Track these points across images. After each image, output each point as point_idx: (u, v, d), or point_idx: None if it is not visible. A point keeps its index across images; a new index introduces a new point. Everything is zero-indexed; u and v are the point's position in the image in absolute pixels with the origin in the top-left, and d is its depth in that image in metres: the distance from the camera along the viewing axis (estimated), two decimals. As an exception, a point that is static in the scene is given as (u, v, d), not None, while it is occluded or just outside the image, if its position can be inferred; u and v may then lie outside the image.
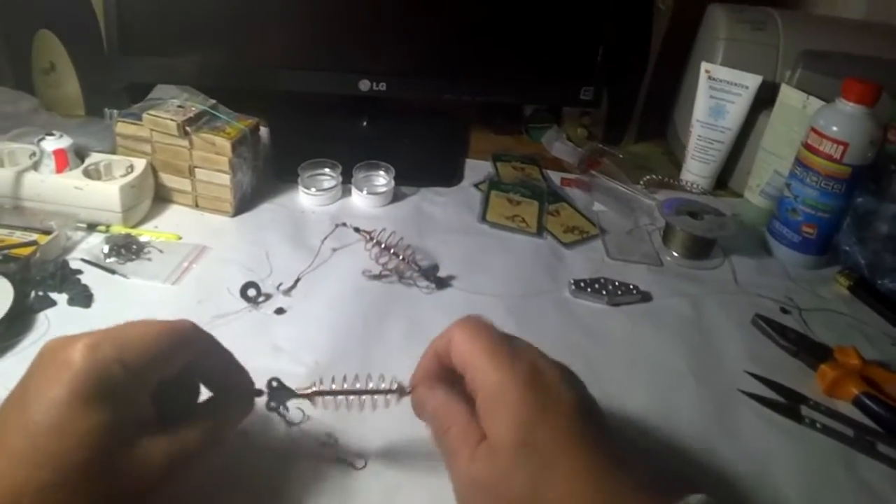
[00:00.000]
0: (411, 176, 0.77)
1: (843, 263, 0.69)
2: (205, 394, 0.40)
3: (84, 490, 0.29)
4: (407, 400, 0.39)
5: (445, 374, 0.37)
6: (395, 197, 0.75)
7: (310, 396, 0.40)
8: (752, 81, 0.79)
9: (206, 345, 0.38)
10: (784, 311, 0.62)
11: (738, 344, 0.58)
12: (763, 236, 0.74)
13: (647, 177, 0.83)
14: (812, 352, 0.56)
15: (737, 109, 0.80)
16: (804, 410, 0.50)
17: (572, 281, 0.61)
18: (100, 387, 0.31)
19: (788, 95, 0.74)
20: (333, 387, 0.39)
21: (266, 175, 0.74)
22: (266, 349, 0.52)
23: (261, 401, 0.40)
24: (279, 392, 0.40)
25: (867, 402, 0.50)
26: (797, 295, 0.65)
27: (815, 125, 0.66)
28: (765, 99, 0.79)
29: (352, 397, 0.39)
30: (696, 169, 0.84)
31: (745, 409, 0.51)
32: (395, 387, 0.39)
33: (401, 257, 0.62)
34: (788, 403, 0.51)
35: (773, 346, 0.58)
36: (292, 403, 0.41)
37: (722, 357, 0.56)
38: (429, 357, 0.38)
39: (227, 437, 0.37)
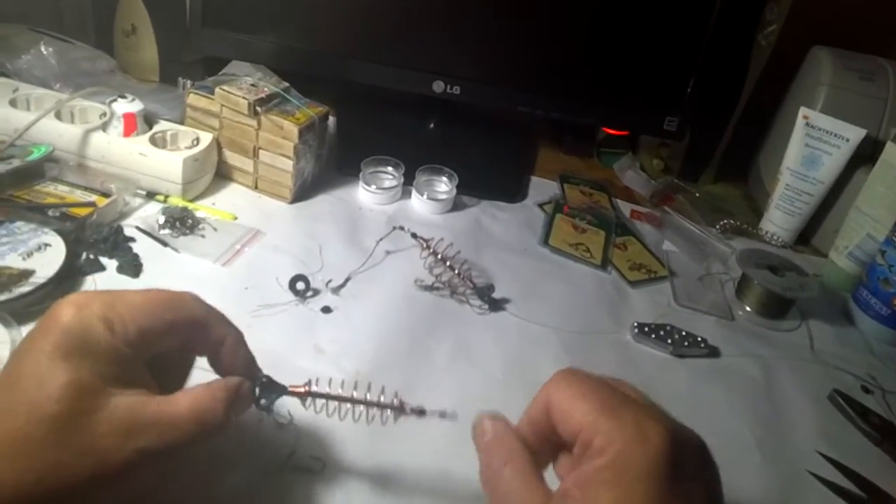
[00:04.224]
0: (474, 186, 0.75)
1: (937, 347, 0.63)
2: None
3: (54, 444, 0.28)
4: (404, 420, 0.36)
5: (541, 441, 0.32)
6: (455, 206, 0.73)
7: (302, 396, 0.37)
8: (855, 134, 0.73)
9: (209, 321, 0.35)
10: (866, 390, 0.57)
11: (810, 419, 0.53)
12: (846, 303, 0.68)
13: (724, 221, 0.78)
14: (899, 443, 0.50)
15: (833, 162, 0.74)
16: (885, 510, 0.45)
17: (636, 324, 0.57)
18: (80, 342, 0.30)
19: (893, 154, 0.68)
20: (328, 390, 0.37)
21: (328, 165, 0.72)
22: (308, 349, 0.49)
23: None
24: (270, 388, 0.37)
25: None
26: (881, 374, 0.59)
27: (924, 192, 0.60)
28: (864, 155, 0.73)
29: (346, 405, 0.36)
30: (780, 220, 0.78)
31: (815, 497, 0.46)
32: (395, 402, 0.36)
33: (456, 271, 0.59)
34: (868, 499, 0.46)
35: (852, 428, 0.52)
36: (281, 404, 0.38)
37: (792, 431, 0.51)
38: (523, 424, 0.32)
39: (225, 425, 0.33)
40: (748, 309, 0.64)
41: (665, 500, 0.26)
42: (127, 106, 0.62)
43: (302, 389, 0.37)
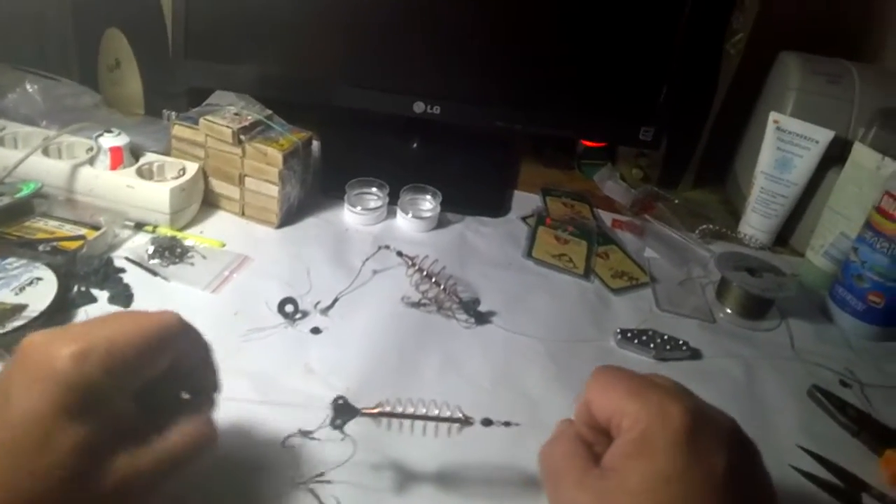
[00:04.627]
0: (458, 203, 0.76)
1: (911, 339, 0.64)
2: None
3: None
4: (467, 431, 0.39)
5: (592, 433, 0.35)
6: (440, 223, 0.74)
7: (375, 416, 0.39)
8: (824, 136, 0.75)
9: (191, 341, 0.36)
10: (844, 384, 0.58)
11: (791, 415, 0.54)
12: (823, 300, 0.70)
13: (704, 226, 0.80)
14: (876, 434, 0.52)
15: (804, 164, 0.76)
16: (866, 499, 0.46)
17: (619, 330, 0.59)
18: (85, 401, 0.29)
19: (861, 154, 0.70)
20: (399, 409, 0.39)
21: (313, 189, 0.74)
22: (298, 370, 0.51)
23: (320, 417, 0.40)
24: (344, 410, 0.40)
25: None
26: (859, 368, 0.61)
27: (889, 189, 0.62)
28: (835, 156, 0.76)
29: (416, 422, 0.39)
30: (757, 222, 0.80)
31: (797, 490, 0.47)
32: (458, 415, 0.39)
33: (442, 287, 0.60)
34: (847, 488, 0.47)
35: (831, 422, 0.54)
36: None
37: (773, 428, 0.53)
38: (576, 420, 0.36)
39: (215, 443, 0.35)
40: (728, 311, 0.66)
41: (686, 468, 0.29)
42: (113, 140, 0.63)
43: (374, 410, 0.39)
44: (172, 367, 0.35)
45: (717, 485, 0.29)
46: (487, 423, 0.40)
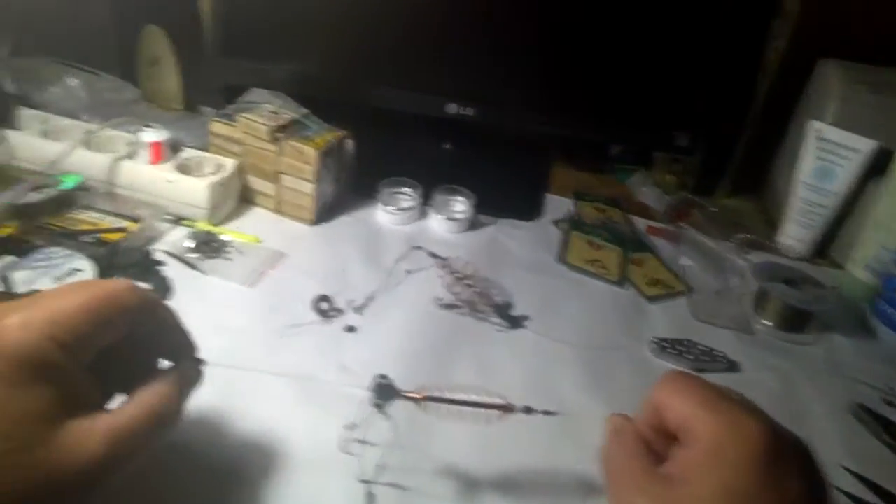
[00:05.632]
0: (490, 205, 0.76)
1: (958, 358, 0.62)
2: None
3: (14, 480, 0.27)
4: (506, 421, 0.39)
5: (655, 433, 0.34)
6: (472, 225, 0.74)
7: (416, 400, 0.39)
8: (866, 146, 0.73)
9: (149, 307, 0.35)
10: (889, 403, 0.57)
11: (833, 434, 0.53)
12: (865, 314, 0.68)
13: (741, 235, 0.78)
14: (922, 455, 0.50)
15: (846, 174, 0.75)
16: (911, 522, 0.45)
17: (654, 339, 0.58)
18: (32, 368, 0.29)
19: (906, 166, 0.69)
20: (438, 395, 0.39)
21: (347, 188, 0.74)
22: (332, 367, 0.51)
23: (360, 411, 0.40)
24: (386, 390, 0.39)
25: None
26: (903, 386, 0.59)
27: (938, 202, 0.60)
28: (878, 166, 0.74)
29: (455, 408, 0.39)
30: (795, 232, 0.79)
31: (840, 510, 0.46)
32: (503, 403, 0.39)
33: (475, 289, 0.60)
34: (892, 511, 0.46)
35: (875, 441, 0.52)
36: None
37: (814, 446, 0.51)
38: (639, 419, 0.35)
39: (177, 416, 0.34)
40: (767, 323, 0.64)
41: (760, 488, 0.28)
42: (154, 135, 0.64)
43: (416, 394, 0.39)
44: (134, 336, 0.34)
45: None
46: (528, 410, 0.40)
